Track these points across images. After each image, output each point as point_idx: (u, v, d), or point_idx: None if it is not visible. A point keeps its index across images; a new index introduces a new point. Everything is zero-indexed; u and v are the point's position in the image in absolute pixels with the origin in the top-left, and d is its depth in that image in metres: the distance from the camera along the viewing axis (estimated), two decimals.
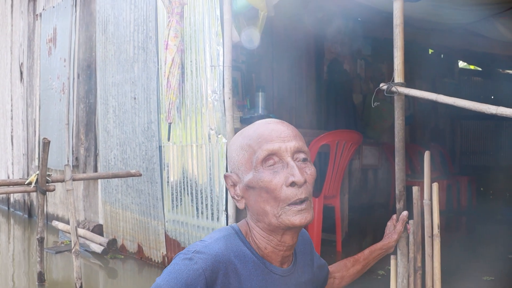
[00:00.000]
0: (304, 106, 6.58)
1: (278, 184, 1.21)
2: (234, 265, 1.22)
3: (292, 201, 1.21)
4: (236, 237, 1.28)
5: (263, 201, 1.23)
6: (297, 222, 1.22)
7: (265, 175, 1.22)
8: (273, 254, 1.29)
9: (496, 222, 6.51)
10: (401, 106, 2.64)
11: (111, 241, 4.84)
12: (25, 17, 7.23)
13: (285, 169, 1.22)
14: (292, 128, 1.28)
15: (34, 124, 6.89)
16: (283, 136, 1.24)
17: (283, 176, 1.21)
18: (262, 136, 1.24)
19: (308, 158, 1.27)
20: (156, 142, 4.24)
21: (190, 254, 1.18)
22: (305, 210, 1.22)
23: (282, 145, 1.22)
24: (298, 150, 1.24)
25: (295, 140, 1.25)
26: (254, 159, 1.24)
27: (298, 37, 6.45)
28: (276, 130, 1.25)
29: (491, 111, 2.10)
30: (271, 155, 1.23)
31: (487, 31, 5.10)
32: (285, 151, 1.23)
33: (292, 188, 1.21)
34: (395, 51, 2.64)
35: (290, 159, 1.22)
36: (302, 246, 1.46)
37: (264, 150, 1.22)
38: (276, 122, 1.29)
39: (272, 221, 1.23)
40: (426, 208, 2.73)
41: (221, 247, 1.22)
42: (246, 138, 1.27)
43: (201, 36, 3.74)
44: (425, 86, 8.70)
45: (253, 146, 1.25)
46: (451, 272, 3.64)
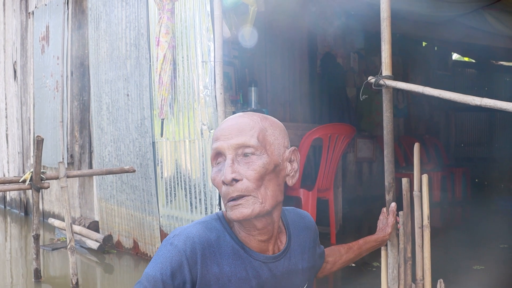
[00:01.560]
0: (298, 100, 6.60)
1: (219, 182, 1.27)
2: (212, 248, 1.26)
3: (226, 199, 1.26)
4: (218, 222, 1.32)
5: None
6: (234, 217, 1.24)
7: (213, 173, 1.30)
8: (248, 240, 1.32)
9: (490, 213, 6.56)
10: (389, 99, 2.67)
11: (106, 237, 4.87)
12: (18, 15, 7.23)
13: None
14: (241, 122, 1.28)
15: (28, 122, 6.90)
16: (226, 133, 1.27)
17: (222, 174, 1.26)
18: (216, 134, 1.30)
19: (257, 151, 1.26)
20: (150, 138, 4.27)
21: (171, 239, 1.25)
22: (240, 205, 1.24)
23: (224, 143, 1.26)
24: (240, 146, 1.25)
25: (239, 135, 1.26)
26: (210, 158, 1.32)
27: (291, 32, 6.47)
28: (223, 128, 1.29)
29: (475, 103, 2.13)
30: (218, 154, 1.28)
31: (477, 23, 5.14)
32: (227, 149, 1.25)
33: (225, 186, 1.25)
34: (382, 45, 2.67)
35: (230, 156, 1.25)
36: (304, 233, 1.48)
37: (213, 149, 1.29)
38: (232, 118, 1.32)
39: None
40: (416, 199, 2.76)
41: (198, 229, 1.27)
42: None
43: (192, 32, 3.76)
44: (419, 79, 8.75)
45: (211, 145, 1.31)
46: (442, 262, 3.69)
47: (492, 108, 2.14)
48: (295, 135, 4.45)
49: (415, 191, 2.77)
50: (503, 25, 4.88)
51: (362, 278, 3.63)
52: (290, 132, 4.39)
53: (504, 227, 5.33)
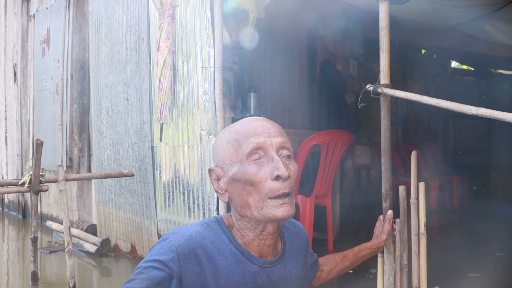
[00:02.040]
0: (296, 106, 6.63)
1: (263, 177, 1.24)
2: (208, 249, 1.26)
3: (275, 194, 1.25)
4: (217, 225, 1.32)
5: (246, 194, 1.26)
6: (280, 215, 1.25)
7: (251, 168, 1.25)
8: (254, 243, 1.32)
9: (487, 221, 6.57)
10: (387, 107, 2.69)
11: (104, 240, 4.87)
12: (19, 18, 7.25)
13: (270, 163, 1.25)
14: (277, 126, 1.32)
15: (28, 125, 6.92)
16: (269, 131, 1.27)
17: (268, 169, 1.25)
18: (248, 130, 1.28)
19: (292, 155, 1.31)
20: (149, 143, 4.28)
21: (167, 236, 1.27)
22: (287, 204, 1.26)
23: (268, 140, 1.26)
24: (282, 146, 1.28)
25: (281, 136, 1.28)
26: (240, 153, 1.27)
27: (291, 38, 6.50)
28: (262, 126, 1.29)
29: (472, 112, 2.15)
30: (257, 149, 1.26)
31: (476, 31, 5.16)
32: (271, 146, 1.26)
33: (276, 182, 1.24)
34: (381, 53, 2.69)
35: (275, 154, 1.26)
36: (297, 241, 1.48)
37: (250, 143, 1.26)
38: (262, 119, 1.33)
39: (255, 213, 1.27)
40: (413, 207, 2.78)
41: (196, 230, 1.28)
42: (233, 132, 1.30)
43: (192, 38, 3.78)
44: (418, 86, 8.77)
45: (240, 140, 1.28)
46: (438, 269, 3.70)
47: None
48: (294, 141, 4.47)
49: (412, 198, 2.79)
50: (502, 34, 4.91)
51: (359, 284, 3.65)
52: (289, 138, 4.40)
53: (500, 235, 5.34)
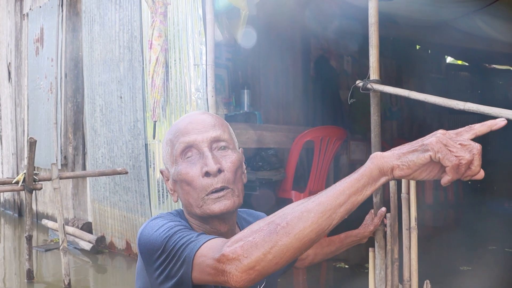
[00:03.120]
0: (291, 103, 6.64)
1: (195, 175, 1.23)
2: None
3: (208, 191, 1.22)
4: (180, 218, 1.32)
5: (186, 193, 1.26)
6: (217, 210, 1.23)
7: (183, 167, 1.25)
8: None
9: (481, 215, 6.62)
10: (377, 103, 2.72)
11: (99, 238, 4.89)
12: (12, 17, 7.25)
13: (201, 160, 1.24)
14: (212, 118, 1.30)
15: (23, 124, 6.92)
16: (199, 127, 1.26)
17: (199, 166, 1.24)
18: (179, 130, 1.28)
19: (231, 145, 1.29)
20: (142, 140, 4.30)
21: (154, 217, 1.28)
22: (223, 197, 1.23)
23: (198, 136, 1.25)
24: (215, 140, 1.26)
25: (213, 129, 1.27)
26: (174, 153, 1.28)
27: (285, 34, 6.51)
28: (192, 122, 1.28)
29: (459, 107, 2.17)
30: (188, 147, 1.26)
31: (468, 27, 5.19)
32: (201, 142, 1.25)
33: (207, 178, 1.22)
34: (370, 49, 2.71)
35: (207, 149, 1.24)
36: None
37: (181, 143, 1.26)
38: (196, 114, 1.32)
39: (197, 211, 1.25)
40: (404, 201, 2.80)
41: (171, 216, 1.29)
42: (169, 133, 1.31)
43: (184, 36, 3.79)
44: (413, 82, 8.80)
45: (173, 141, 1.28)
46: (430, 263, 3.74)
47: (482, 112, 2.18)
48: (287, 137, 4.49)
49: (403, 193, 2.81)
50: (493, 29, 4.93)
51: (355, 279, 3.67)
52: (282, 135, 4.44)
53: (494, 229, 5.38)
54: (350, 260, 4.32)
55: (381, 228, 2.79)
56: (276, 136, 4.36)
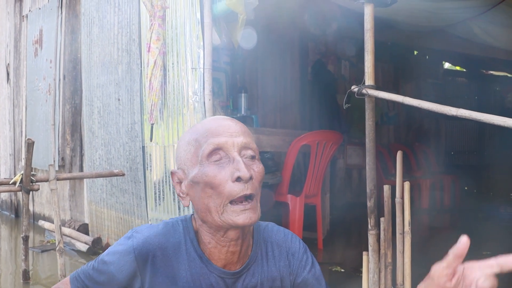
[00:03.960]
0: (288, 107, 6.68)
1: (223, 179, 1.17)
2: (165, 251, 1.24)
3: (236, 197, 1.17)
4: (183, 225, 1.29)
5: (207, 197, 1.19)
6: (241, 222, 1.17)
7: (210, 169, 1.18)
8: (216, 250, 1.25)
9: (477, 220, 6.64)
10: (372, 108, 2.75)
11: (96, 239, 4.91)
12: (12, 18, 7.27)
13: (231, 164, 1.18)
14: (241, 125, 1.25)
15: (21, 125, 6.94)
16: (231, 131, 1.21)
17: (229, 171, 1.18)
18: (209, 130, 1.22)
19: (257, 156, 1.24)
20: (140, 143, 4.32)
21: (131, 233, 1.27)
22: (249, 210, 1.18)
23: (229, 140, 1.20)
24: (245, 146, 1.21)
25: (243, 136, 1.22)
26: (200, 153, 1.21)
27: (283, 38, 6.55)
28: (223, 125, 1.23)
29: (452, 113, 2.20)
30: (217, 150, 1.20)
31: (465, 33, 5.24)
32: (232, 146, 1.20)
33: (237, 183, 1.17)
34: (366, 55, 2.75)
35: (237, 154, 1.19)
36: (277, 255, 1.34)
37: (210, 144, 1.19)
38: (224, 118, 1.28)
39: (215, 218, 1.19)
40: (398, 206, 2.83)
41: (157, 231, 1.26)
42: (194, 133, 1.25)
43: (182, 39, 3.82)
44: (410, 87, 8.85)
45: (200, 140, 1.22)
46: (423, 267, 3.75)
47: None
48: (284, 141, 4.52)
49: (397, 197, 2.84)
50: (490, 36, 4.98)
51: (350, 283, 3.69)
52: (278, 138, 4.46)
53: (489, 235, 5.40)
54: (346, 264, 4.34)
55: (375, 232, 2.82)
56: (273, 139, 4.39)
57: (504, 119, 1.96)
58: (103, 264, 1.25)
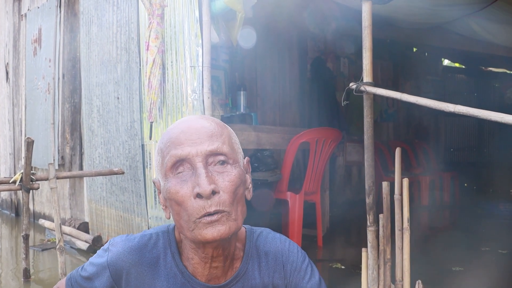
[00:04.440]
0: (287, 104, 6.69)
1: (185, 195, 1.07)
2: (139, 268, 1.19)
3: (199, 215, 1.06)
4: (164, 238, 1.22)
5: (176, 214, 1.10)
6: (209, 237, 1.06)
7: (172, 184, 1.09)
8: (200, 266, 1.18)
9: (476, 217, 6.66)
10: (370, 105, 2.76)
11: (96, 238, 4.92)
12: (10, 18, 7.27)
13: (194, 177, 1.07)
14: (210, 127, 1.12)
15: (20, 124, 6.95)
16: (194, 138, 1.09)
17: (191, 185, 1.07)
18: (170, 139, 1.11)
19: (231, 159, 1.11)
20: (139, 141, 4.33)
21: (108, 244, 1.23)
22: (217, 222, 1.06)
23: (192, 150, 1.08)
24: (212, 153, 1.09)
25: (209, 141, 1.09)
26: (164, 166, 1.11)
27: (282, 36, 6.56)
28: (186, 131, 1.10)
29: (449, 109, 2.21)
30: (180, 161, 1.09)
31: (463, 30, 5.24)
32: (195, 156, 1.08)
33: (200, 200, 1.06)
34: (364, 52, 2.75)
35: (201, 164, 1.07)
36: (272, 266, 1.25)
37: (172, 156, 1.09)
38: (192, 120, 1.14)
39: (188, 235, 1.09)
40: (397, 202, 2.84)
41: (132, 246, 1.20)
42: (160, 141, 1.15)
43: (181, 38, 3.83)
44: (409, 84, 8.87)
45: (164, 151, 1.12)
46: (422, 263, 3.77)
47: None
48: (283, 139, 4.53)
49: (395, 194, 2.85)
50: (488, 33, 4.98)
51: (350, 279, 3.70)
52: (277, 136, 4.47)
53: (488, 231, 5.43)
54: (346, 260, 4.36)
55: (374, 228, 2.83)
56: (272, 137, 4.39)
57: (501, 115, 1.97)
58: (86, 273, 1.26)
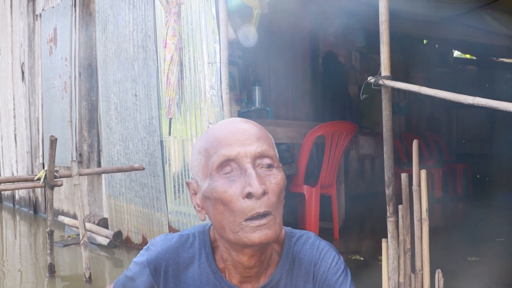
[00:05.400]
0: (300, 99, 6.73)
1: (234, 195, 1.06)
2: (177, 266, 1.22)
3: (248, 215, 1.05)
4: (200, 238, 1.24)
5: (219, 214, 1.09)
6: (256, 240, 1.06)
7: (220, 184, 1.08)
8: (233, 268, 1.18)
9: (489, 208, 6.69)
10: (388, 98, 2.80)
11: (116, 233, 5.01)
12: (25, 18, 7.37)
13: (243, 178, 1.07)
14: (256, 129, 1.13)
15: (37, 122, 7.05)
16: (243, 139, 1.09)
17: (240, 185, 1.06)
18: (218, 139, 1.10)
19: (275, 163, 1.12)
20: (158, 137, 4.40)
21: (149, 244, 1.27)
22: (265, 226, 1.06)
23: (241, 150, 1.08)
24: (260, 155, 1.09)
25: (258, 143, 1.10)
26: (210, 166, 1.10)
27: (293, 31, 6.59)
28: (235, 132, 1.10)
29: (468, 101, 2.25)
30: (228, 161, 1.08)
31: (476, 22, 5.26)
32: (244, 157, 1.08)
33: (249, 200, 1.05)
34: (381, 46, 2.80)
35: (250, 165, 1.07)
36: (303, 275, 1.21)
37: (220, 155, 1.08)
38: (238, 121, 1.14)
39: (230, 236, 1.09)
40: (415, 194, 2.89)
41: (170, 245, 1.23)
42: (204, 141, 1.14)
43: (198, 34, 3.89)
44: (420, 76, 8.86)
45: (209, 151, 1.11)
46: (440, 254, 3.83)
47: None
48: (298, 133, 4.58)
49: (414, 185, 2.91)
50: (501, 24, 5.00)
51: (369, 270, 3.76)
52: (293, 130, 4.53)
53: (502, 222, 5.46)
54: (364, 252, 4.42)
55: (394, 219, 2.89)
56: (288, 131, 4.45)
57: None
58: (131, 273, 1.30)
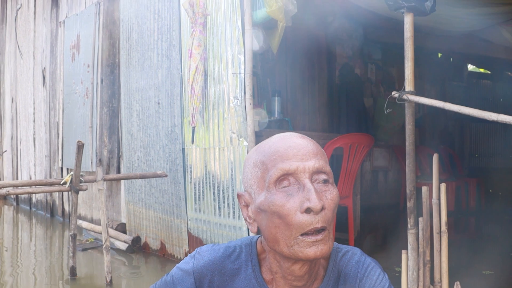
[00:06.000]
0: (316, 110, 6.80)
1: (292, 209, 1.07)
2: (222, 277, 1.23)
3: (306, 230, 1.06)
4: (247, 250, 1.25)
5: (274, 227, 1.10)
6: (311, 255, 1.07)
7: (278, 197, 1.08)
8: (282, 280, 1.19)
9: (503, 223, 6.70)
10: (412, 113, 2.88)
11: (135, 238, 5.09)
12: (48, 24, 7.52)
13: (301, 192, 1.08)
14: (313, 145, 1.13)
15: (56, 127, 7.17)
16: (301, 154, 1.10)
17: (298, 200, 1.07)
18: (277, 153, 1.11)
19: (330, 179, 1.12)
20: (180, 145, 4.49)
21: (195, 253, 1.28)
22: (320, 242, 1.07)
23: (300, 165, 1.09)
24: (318, 171, 1.10)
25: (315, 158, 1.10)
26: (267, 179, 1.10)
27: (311, 43, 6.68)
28: (293, 147, 1.11)
29: (492, 118, 2.32)
30: (286, 176, 1.09)
31: (493, 37, 5.32)
32: (303, 172, 1.08)
33: (307, 215, 1.06)
34: (406, 62, 2.88)
35: (308, 180, 1.08)
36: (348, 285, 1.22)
37: (279, 169, 1.09)
38: (295, 136, 1.15)
39: (284, 250, 1.10)
40: (435, 207, 2.96)
41: (217, 256, 1.24)
42: (261, 154, 1.14)
43: (223, 45, 3.98)
44: (435, 90, 8.90)
45: (267, 164, 1.11)
46: (456, 266, 3.88)
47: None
48: None
49: (433, 198, 2.97)
50: None
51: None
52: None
53: None
54: (381, 263, 4.45)
55: (414, 231, 2.95)
56: None
57: None
58: (171, 278, 1.30)
